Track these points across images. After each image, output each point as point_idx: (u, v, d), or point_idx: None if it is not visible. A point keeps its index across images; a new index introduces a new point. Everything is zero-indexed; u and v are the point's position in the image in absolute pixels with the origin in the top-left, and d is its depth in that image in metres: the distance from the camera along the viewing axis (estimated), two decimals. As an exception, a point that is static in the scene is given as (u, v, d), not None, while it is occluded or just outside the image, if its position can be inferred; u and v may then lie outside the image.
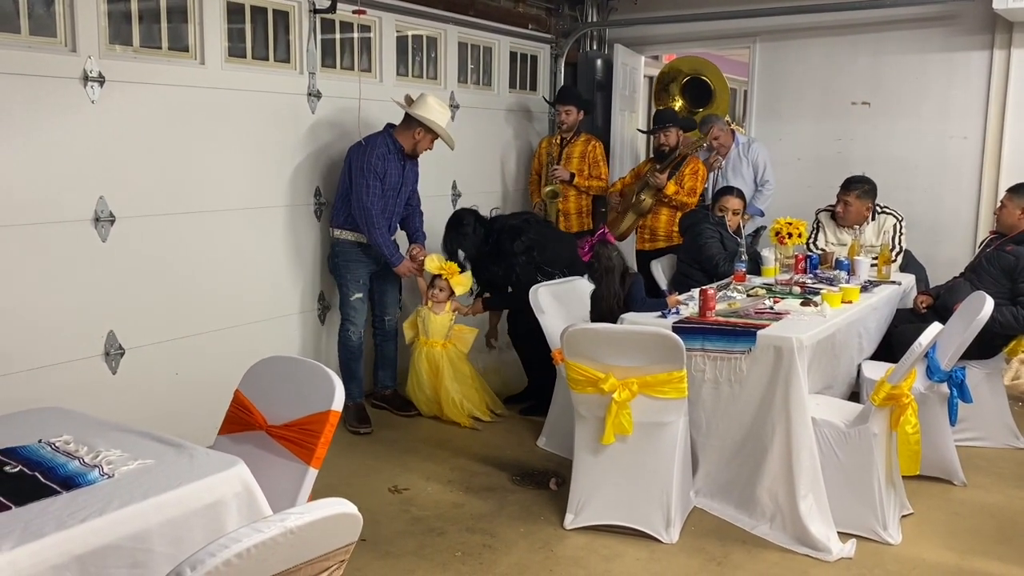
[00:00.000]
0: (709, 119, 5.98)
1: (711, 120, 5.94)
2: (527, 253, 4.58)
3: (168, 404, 3.87)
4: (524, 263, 4.58)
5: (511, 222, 4.75)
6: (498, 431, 4.54)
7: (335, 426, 2.36)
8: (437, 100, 4.46)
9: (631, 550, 3.23)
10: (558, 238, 4.92)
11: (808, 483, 3.29)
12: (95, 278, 3.62)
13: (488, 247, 4.67)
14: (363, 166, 4.34)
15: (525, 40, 6.23)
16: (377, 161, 4.35)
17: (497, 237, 4.65)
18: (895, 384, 3.24)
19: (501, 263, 4.63)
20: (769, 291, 4.25)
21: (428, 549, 3.25)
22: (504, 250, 4.61)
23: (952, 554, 3.23)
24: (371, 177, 4.34)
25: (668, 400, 3.24)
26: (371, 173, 4.34)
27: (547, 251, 4.65)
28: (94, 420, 2.24)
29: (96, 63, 3.52)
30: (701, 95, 7.43)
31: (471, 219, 4.72)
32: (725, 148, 5.80)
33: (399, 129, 4.46)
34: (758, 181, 5.72)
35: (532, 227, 4.71)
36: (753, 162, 5.73)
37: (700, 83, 7.44)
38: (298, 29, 4.46)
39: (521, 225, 4.69)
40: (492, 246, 4.66)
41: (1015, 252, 4.21)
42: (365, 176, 4.34)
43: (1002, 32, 5.43)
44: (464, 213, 4.79)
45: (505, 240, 4.61)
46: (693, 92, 7.46)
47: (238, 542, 1.36)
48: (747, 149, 5.77)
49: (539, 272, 4.57)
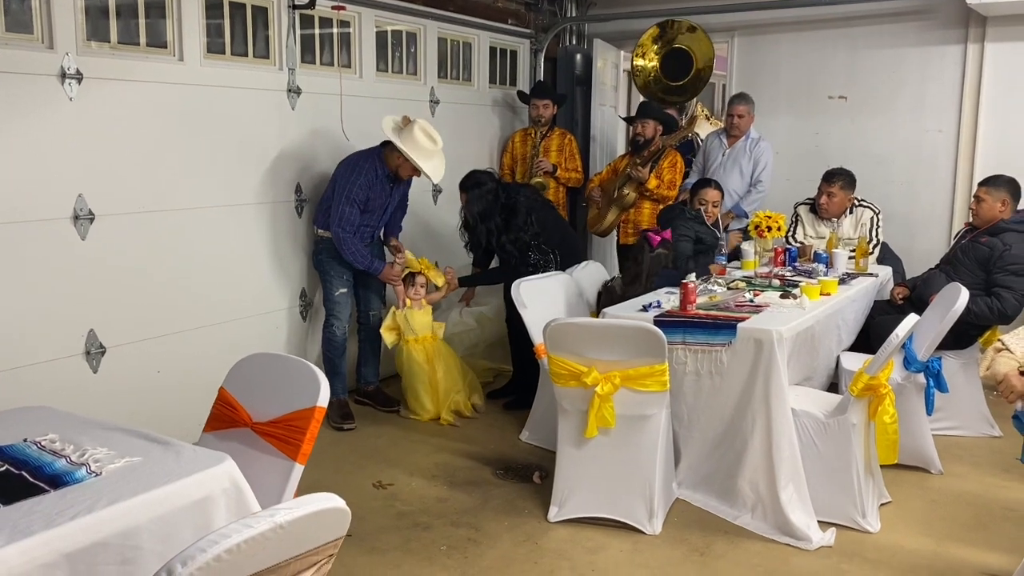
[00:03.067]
0: (742, 96, 5.72)
1: (741, 98, 5.70)
2: (534, 230, 4.65)
3: (150, 403, 3.86)
4: (528, 239, 4.64)
5: (533, 195, 4.81)
6: (481, 426, 4.56)
7: (320, 422, 2.37)
8: (425, 131, 4.34)
9: (615, 542, 3.27)
10: (558, 223, 4.97)
11: (788, 473, 3.33)
12: (75, 277, 3.59)
13: (502, 212, 4.65)
14: (346, 193, 4.32)
15: (505, 35, 6.24)
16: (359, 191, 4.33)
17: (514, 205, 4.65)
18: (873, 375, 3.29)
19: (509, 232, 4.64)
20: (749, 284, 4.30)
21: (414, 543, 3.27)
22: (517, 220, 4.63)
23: (930, 541, 3.29)
24: (349, 205, 4.31)
25: (650, 393, 3.27)
26: (351, 201, 4.31)
27: (548, 233, 4.73)
28: (78, 418, 2.24)
29: (74, 60, 3.50)
30: (680, 68, 6.55)
31: (491, 181, 4.71)
32: (739, 132, 5.65)
33: (388, 149, 4.40)
34: (753, 178, 5.60)
35: (546, 208, 4.83)
36: (755, 159, 5.60)
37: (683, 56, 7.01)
38: (277, 25, 4.44)
39: (543, 203, 4.79)
40: (506, 212, 4.64)
41: (990, 243, 4.27)
42: (344, 204, 4.31)
43: (975, 26, 5.51)
44: (484, 174, 4.78)
45: (520, 210, 4.64)
46: (674, 62, 6.59)
47: (228, 538, 1.37)
48: (755, 144, 5.63)
49: (536, 251, 4.65)
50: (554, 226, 4.85)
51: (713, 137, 5.88)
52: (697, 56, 6.09)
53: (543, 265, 4.66)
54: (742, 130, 5.66)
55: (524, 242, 4.65)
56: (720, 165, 5.66)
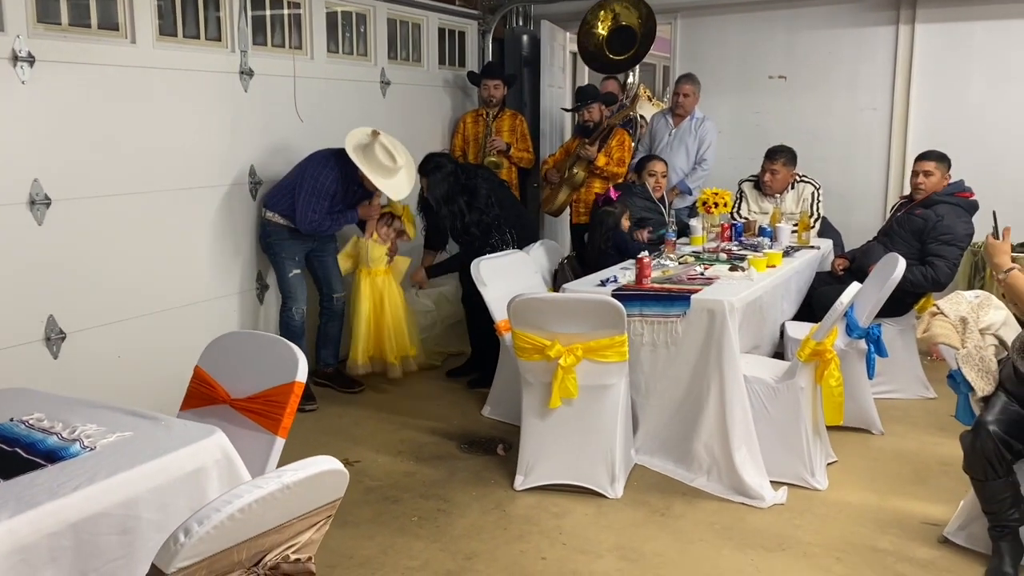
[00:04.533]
0: (688, 76, 5.89)
1: (687, 78, 5.87)
2: (495, 211, 4.72)
3: (111, 387, 3.83)
4: (490, 220, 4.71)
5: (490, 176, 4.89)
6: (444, 403, 4.64)
7: (300, 396, 2.43)
8: (385, 148, 4.35)
9: (579, 506, 3.40)
10: (513, 203, 5.06)
11: (741, 436, 3.50)
12: (33, 262, 3.56)
13: (462, 195, 4.68)
14: (314, 186, 4.35)
15: (453, 16, 6.28)
16: (331, 185, 4.37)
17: (474, 187, 4.70)
18: (819, 341, 3.47)
19: (472, 213, 4.69)
20: (698, 258, 4.45)
21: (385, 516, 3.35)
22: (478, 202, 4.69)
23: (874, 496, 3.50)
24: (317, 198, 4.35)
25: (610, 363, 3.40)
26: (321, 197, 4.35)
27: (505, 212, 4.81)
28: (61, 398, 2.26)
29: (25, 43, 3.45)
30: (625, 42, 6.46)
31: (450, 163, 4.75)
32: (684, 111, 5.80)
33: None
34: (698, 157, 5.78)
35: (502, 189, 4.91)
36: (700, 138, 5.77)
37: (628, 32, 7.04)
38: (229, 7, 4.42)
39: (499, 183, 4.89)
40: (467, 194, 4.69)
41: (923, 215, 4.50)
42: (312, 200, 4.35)
43: (906, 8, 5.75)
44: (442, 156, 4.82)
45: (480, 191, 4.70)
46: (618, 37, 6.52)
47: (240, 498, 1.44)
48: (700, 124, 5.80)
49: (496, 231, 4.74)
50: (510, 206, 4.94)
51: (659, 117, 6.03)
52: (636, 27, 6.17)
53: (501, 245, 4.74)
54: (687, 109, 5.81)
55: (486, 224, 4.71)
56: (667, 144, 5.82)
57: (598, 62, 6.37)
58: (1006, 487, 2.77)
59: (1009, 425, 2.74)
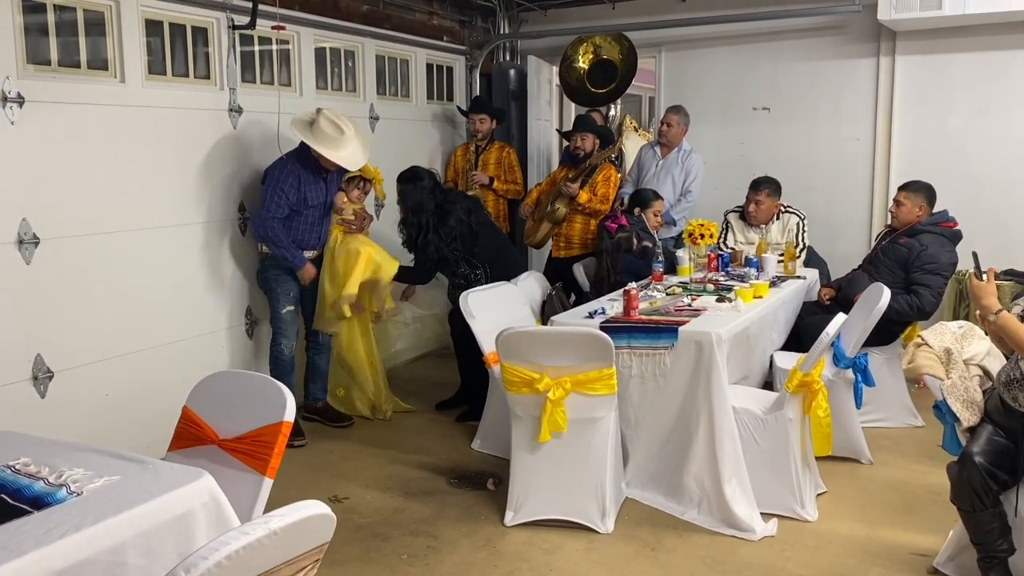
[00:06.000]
0: (675, 108, 5.95)
1: (674, 109, 5.92)
2: (461, 238, 4.70)
3: (99, 426, 3.83)
4: (451, 244, 4.68)
5: (471, 208, 4.83)
6: (433, 436, 4.63)
7: (288, 436, 2.43)
8: (330, 120, 4.32)
9: (570, 542, 3.39)
10: (493, 237, 4.98)
11: (731, 468, 3.50)
12: (20, 301, 3.56)
13: (432, 213, 4.67)
14: (274, 185, 4.34)
15: (441, 52, 6.35)
16: (290, 190, 4.34)
17: (447, 211, 4.69)
18: (807, 371, 3.49)
19: (436, 233, 4.66)
20: (685, 289, 4.48)
21: (374, 554, 3.33)
22: (445, 227, 4.66)
23: (863, 526, 3.50)
24: (277, 196, 4.32)
25: (599, 396, 3.40)
26: (279, 193, 4.32)
27: (481, 247, 4.78)
28: (47, 441, 2.25)
29: (15, 83, 3.48)
30: (607, 75, 6.61)
31: (429, 179, 4.74)
32: (668, 141, 5.84)
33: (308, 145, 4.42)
34: (683, 189, 5.80)
35: (483, 223, 4.87)
36: (687, 170, 5.81)
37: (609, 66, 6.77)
38: (218, 45, 4.47)
39: (481, 218, 4.86)
40: (438, 213, 4.68)
41: (908, 244, 4.55)
42: (272, 195, 4.33)
43: (886, 40, 5.84)
44: (423, 171, 4.81)
45: (450, 219, 4.67)
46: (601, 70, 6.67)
47: (227, 544, 1.44)
48: (687, 156, 5.85)
49: (463, 261, 4.73)
50: (491, 238, 4.90)
51: (647, 149, 6.09)
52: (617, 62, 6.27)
53: (472, 281, 4.73)
54: (671, 140, 5.87)
55: (444, 253, 4.68)
56: (654, 175, 5.87)
57: (581, 96, 6.45)
58: (993, 518, 2.78)
59: (995, 456, 2.76)
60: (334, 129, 4.33)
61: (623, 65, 6.26)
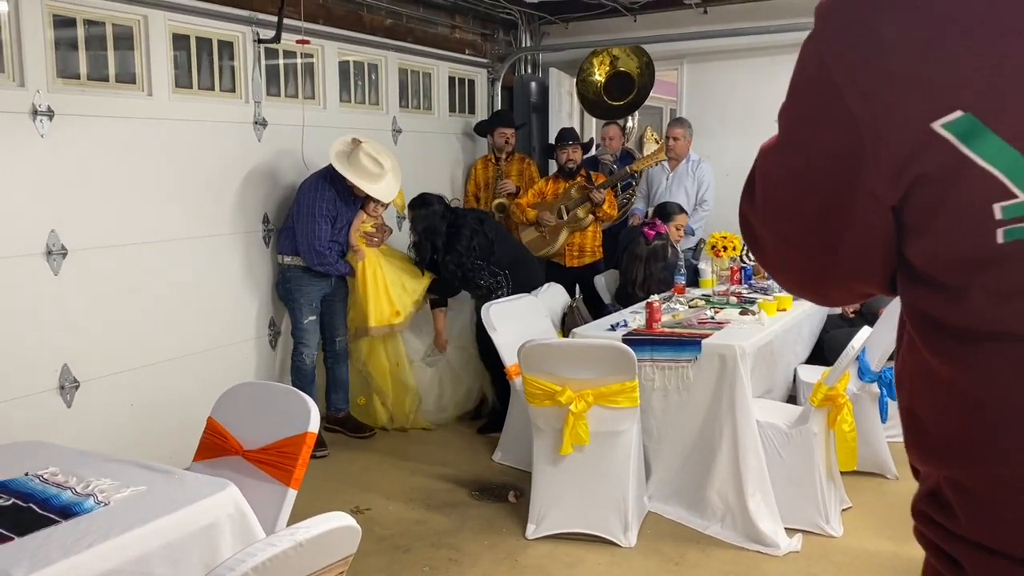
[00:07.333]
0: (679, 121, 5.96)
1: (678, 122, 5.91)
2: (479, 248, 4.76)
3: (124, 436, 3.86)
4: (470, 255, 4.75)
5: (482, 220, 4.91)
6: (454, 448, 4.63)
7: (312, 447, 2.44)
8: (369, 155, 4.41)
9: (592, 555, 3.37)
10: (508, 246, 5.04)
11: (755, 483, 3.47)
12: (48, 312, 3.60)
13: (446, 234, 4.76)
14: (315, 210, 4.42)
15: (462, 65, 6.38)
16: (328, 207, 4.44)
17: (458, 230, 4.76)
18: (831, 386, 3.46)
19: (451, 253, 4.74)
20: (708, 302, 4.46)
21: (396, 566, 3.33)
22: (459, 244, 4.73)
23: (890, 543, 3.45)
24: (320, 221, 4.42)
25: (622, 409, 3.39)
26: (322, 218, 4.42)
27: (497, 256, 4.83)
28: (75, 451, 2.28)
29: (45, 97, 3.53)
30: (624, 87, 6.56)
31: (438, 204, 4.83)
32: (675, 154, 5.82)
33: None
34: (698, 199, 5.80)
35: (497, 233, 4.93)
36: (699, 180, 5.80)
37: (627, 78, 6.64)
38: (243, 59, 4.51)
39: (493, 227, 4.93)
40: (449, 234, 4.76)
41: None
42: (313, 222, 4.42)
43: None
44: (433, 196, 4.88)
45: (464, 234, 4.74)
46: (617, 82, 6.60)
47: (254, 556, 1.44)
48: (696, 166, 5.84)
49: (484, 271, 4.78)
50: (504, 246, 4.95)
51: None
52: (635, 75, 6.27)
53: (495, 288, 4.77)
54: (678, 152, 5.86)
55: (466, 266, 4.75)
56: (666, 188, 5.86)
57: (598, 108, 6.44)
58: None
59: None
60: (374, 164, 4.43)
61: (640, 81, 6.27)
